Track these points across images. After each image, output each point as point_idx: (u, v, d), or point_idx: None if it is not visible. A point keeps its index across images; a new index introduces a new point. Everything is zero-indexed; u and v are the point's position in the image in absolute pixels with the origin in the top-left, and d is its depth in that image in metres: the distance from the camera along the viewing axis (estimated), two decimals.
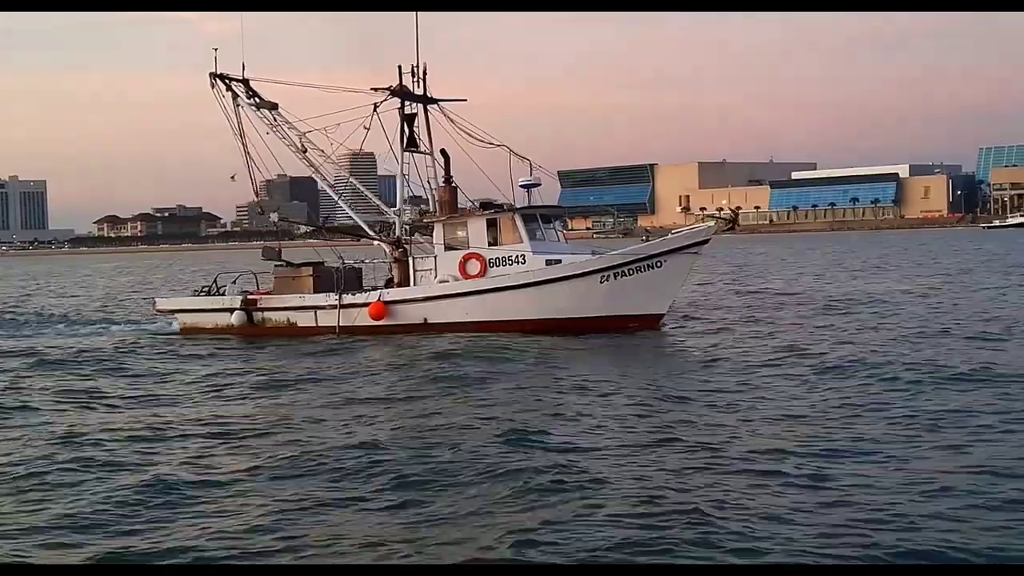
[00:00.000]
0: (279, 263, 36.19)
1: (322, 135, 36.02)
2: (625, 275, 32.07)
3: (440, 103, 36.04)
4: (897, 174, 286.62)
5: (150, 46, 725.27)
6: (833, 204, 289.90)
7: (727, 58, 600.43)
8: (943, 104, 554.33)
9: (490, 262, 32.90)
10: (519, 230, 32.82)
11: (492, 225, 33.15)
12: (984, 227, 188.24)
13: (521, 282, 32.31)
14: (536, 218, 33.73)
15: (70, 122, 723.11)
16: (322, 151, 37.25)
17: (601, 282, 32.08)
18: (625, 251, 32.87)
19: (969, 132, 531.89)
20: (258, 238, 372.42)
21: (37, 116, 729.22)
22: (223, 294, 37.26)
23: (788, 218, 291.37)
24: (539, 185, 35.09)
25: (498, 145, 35.31)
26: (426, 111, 36.04)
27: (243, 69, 37.60)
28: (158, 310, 38.31)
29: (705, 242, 32.52)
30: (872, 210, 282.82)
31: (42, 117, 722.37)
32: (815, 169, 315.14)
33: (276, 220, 37.41)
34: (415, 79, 35.84)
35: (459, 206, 35.08)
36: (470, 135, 35.28)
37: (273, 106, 37.70)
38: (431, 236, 35.54)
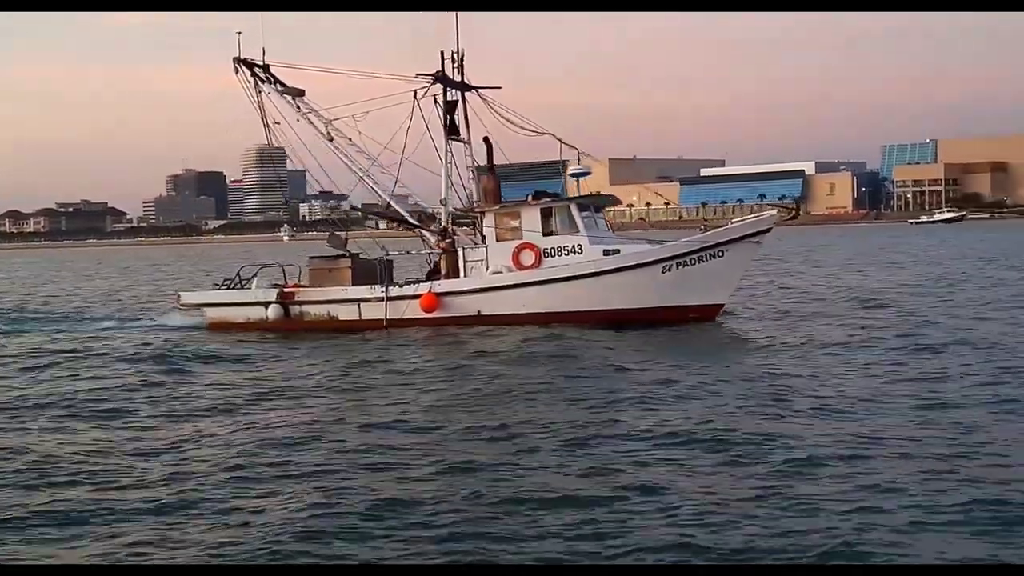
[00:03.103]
0: (322, 255, 35.01)
1: (359, 124, 35.15)
2: (687, 265, 31.63)
3: (478, 91, 35.32)
4: (803, 171, 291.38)
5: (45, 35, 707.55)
6: (741, 200, 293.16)
7: (629, 57, 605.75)
8: (849, 102, 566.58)
9: (545, 252, 32.19)
10: (576, 220, 32.18)
11: (547, 215, 32.44)
12: (912, 222, 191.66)
13: (581, 272, 31.65)
14: (590, 207, 33.20)
15: None
16: (349, 139, 36.24)
17: (663, 272, 31.60)
18: (688, 240, 32.45)
19: (873, 130, 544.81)
20: (165, 233, 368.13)
21: None
22: (245, 287, 36.00)
23: (697, 214, 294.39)
24: (589, 174, 34.57)
25: (544, 133, 34.76)
26: (464, 99, 35.27)
27: (263, 54, 36.58)
28: (183, 304, 36.77)
29: (767, 231, 32.23)
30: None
31: None
32: (724, 166, 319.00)
33: (349, 208, 36.15)
34: (454, 66, 35.05)
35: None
36: (512, 123, 34.71)
37: (299, 93, 36.65)
38: (469, 227, 34.93)
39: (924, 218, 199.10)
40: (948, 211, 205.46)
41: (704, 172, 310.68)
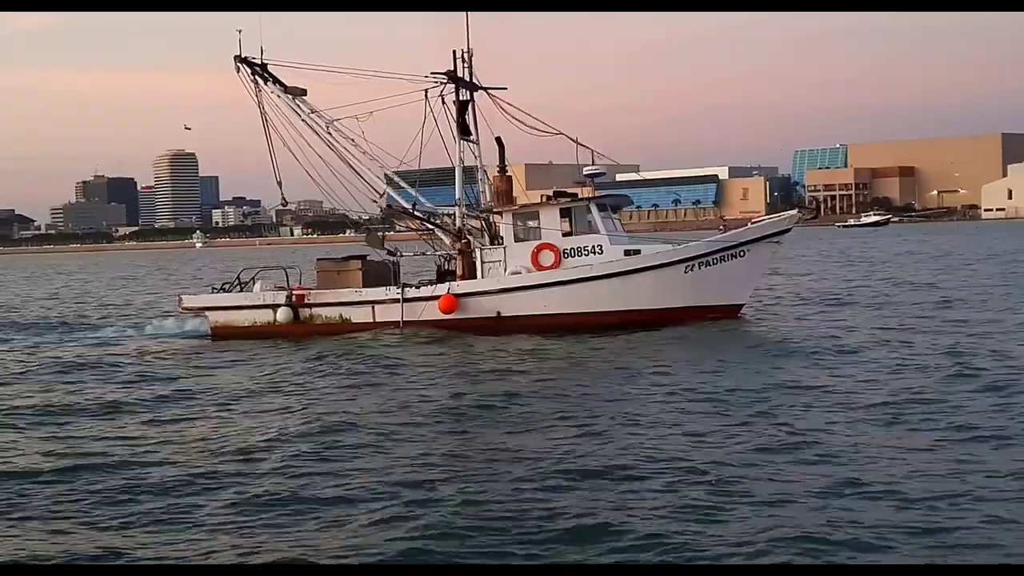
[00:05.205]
0: (329, 257, 34.53)
1: (363, 125, 34.84)
2: (709, 265, 31.79)
3: (487, 91, 35.11)
4: (717, 176, 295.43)
5: None
6: (656, 205, 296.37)
7: (536, 58, 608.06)
8: (761, 106, 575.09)
9: (564, 253, 32.08)
10: (595, 220, 32.14)
11: (567, 215, 32.39)
12: (839, 226, 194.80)
13: (604, 272, 31.61)
14: (607, 207, 33.21)
15: None
16: (352, 140, 35.82)
17: (685, 272, 31.71)
18: (709, 240, 32.65)
19: (784, 134, 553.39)
20: (75, 240, 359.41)
21: None
22: (246, 290, 35.30)
23: None
24: (604, 174, 34.58)
25: (557, 133, 34.71)
26: (472, 99, 35.05)
27: (261, 53, 36.01)
28: (185, 308, 35.86)
29: (787, 231, 32.51)
30: (694, 211, 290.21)
31: None
32: (638, 171, 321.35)
33: (383, 207, 35.55)
34: (464, 65, 34.81)
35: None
36: (524, 123, 34.59)
37: (301, 92, 36.10)
38: (478, 228, 34.73)
39: (852, 221, 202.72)
40: (875, 215, 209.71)
41: (620, 177, 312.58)
